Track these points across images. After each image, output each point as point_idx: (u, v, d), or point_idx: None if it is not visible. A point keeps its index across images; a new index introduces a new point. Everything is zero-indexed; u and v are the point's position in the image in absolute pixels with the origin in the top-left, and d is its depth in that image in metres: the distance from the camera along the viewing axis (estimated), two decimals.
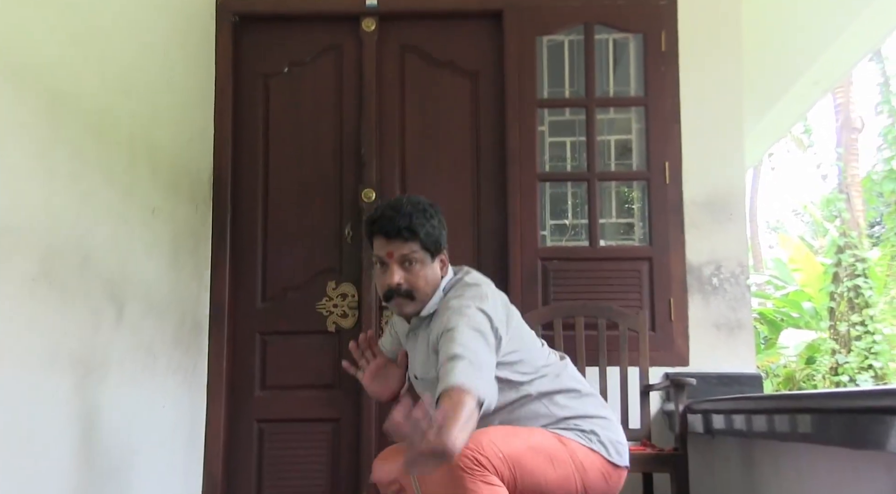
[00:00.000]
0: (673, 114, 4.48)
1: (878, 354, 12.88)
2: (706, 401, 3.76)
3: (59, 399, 2.92)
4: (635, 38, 4.64)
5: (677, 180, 4.47)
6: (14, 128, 2.66)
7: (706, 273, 4.41)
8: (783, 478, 3.31)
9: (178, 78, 4.17)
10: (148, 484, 3.69)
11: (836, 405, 2.47)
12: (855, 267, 13.40)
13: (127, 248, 3.49)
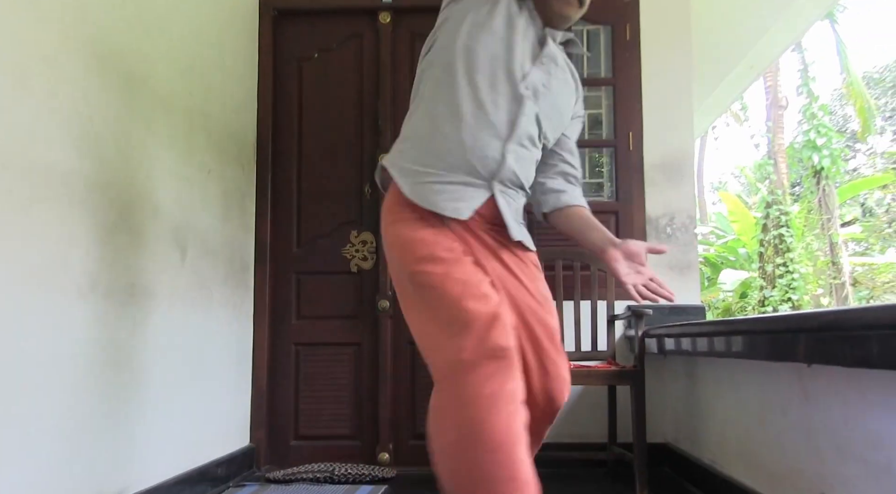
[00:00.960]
0: (635, 93, 4.49)
1: (796, 289, 13.17)
2: (660, 327, 3.76)
3: (137, 323, 2.97)
4: (605, 29, 4.60)
5: (639, 147, 4.48)
6: (99, 105, 2.71)
7: (662, 223, 4.44)
8: (720, 387, 3.38)
9: (229, 61, 4.15)
10: (209, 394, 3.74)
11: (761, 327, 2.55)
12: (779, 219, 13.57)
13: (188, 202, 3.50)
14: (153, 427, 3.12)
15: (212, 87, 3.88)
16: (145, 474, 3.04)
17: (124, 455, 2.87)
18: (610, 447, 4.02)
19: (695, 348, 3.21)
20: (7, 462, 2.17)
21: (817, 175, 14.10)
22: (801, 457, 2.44)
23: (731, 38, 6.71)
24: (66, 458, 2.48)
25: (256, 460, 4.25)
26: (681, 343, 3.40)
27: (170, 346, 3.28)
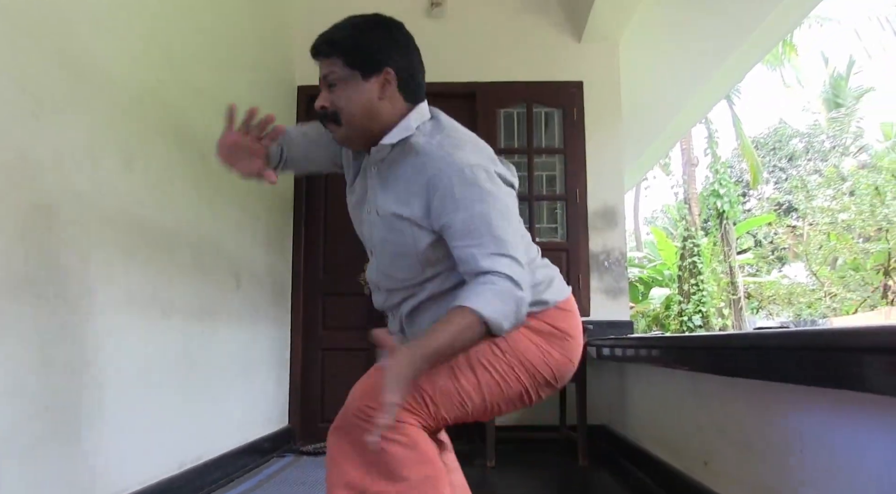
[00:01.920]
0: (581, 159, 4.50)
1: (705, 303, 13.34)
2: (598, 339, 3.78)
3: (205, 337, 3.01)
4: (558, 111, 4.61)
5: (584, 200, 4.48)
6: (178, 173, 2.77)
7: (601, 258, 4.44)
8: (640, 384, 3.42)
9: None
10: (258, 387, 3.76)
11: (666, 344, 2.67)
12: (693, 249, 13.68)
13: (242, 242, 3.54)
14: (219, 412, 3.17)
15: None
16: (214, 445, 3.09)
17: (199, 432, 2.93)
18: (560, 428, 4.06)
19: (623, 355, 3.27)
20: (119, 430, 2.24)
21: (720, 216, 14.20)
22: (692, 436, 2.51)
23: (656, 113, 6.81)
24: (157, 434, 2.53)
25: (293, 437, 4.25)
26: (614, 351, 3.43)
27: (229, 353, 3.32)
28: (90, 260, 2.11)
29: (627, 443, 3.54)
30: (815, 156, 23.94)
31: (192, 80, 2.95)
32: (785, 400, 1.72)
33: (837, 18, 13.25)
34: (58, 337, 1.93)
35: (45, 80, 1.90)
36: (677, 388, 2.74)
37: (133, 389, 2.37)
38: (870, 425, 1.35)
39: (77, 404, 2.02)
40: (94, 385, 2.11)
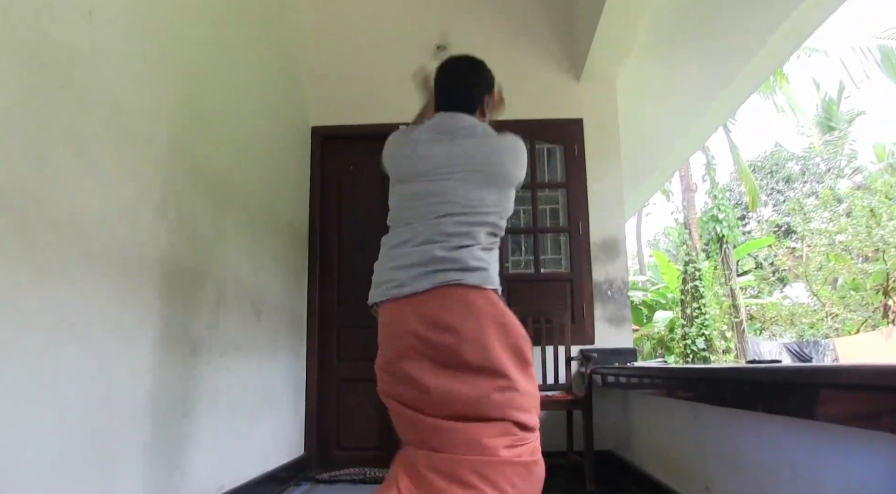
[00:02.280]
0: (583, 193, 4.62)
1: (707, 326, 13.31)
2: (603, 367, 3.91)
3: (230, 370, 3.13)
4: (560, 147, 4.74)
5: (586, 232, 4.58)
6: (203, 214, 2.90)
7: (604, 288, 4.54)
8: (644, 411, 3.49)
9: (290, 173, 4.32)
10: (276, 417, 3.85)
11: (668, 374, 2.78)
12: (694, 273, 13.71)
13: (262, 278, 3.65)
14: (242, 442, 3.28)
15: (278, 193, 4.05)
16: (238, 474, 3.20)
17: (219, 462, 3.03)
18: (568, 453, 4.12)
19: (628, 383, 3.40)
20: (152, 461, 2.37)
21: (720, 240, 14.30)
22: (695, 462, 2.61)
23: (653, 147, 6.95)
24: (179, 464, 2.65)
25: (309, 465, 4.33)
26: (618, 379, 3.54)
27: (251, 384, 3.44)
28: (131, 303, 2.25)
29: (633, 468, 3.61)
30: (811, 179, 24.09)
31: (217, 131, 3.10)
32: (777, 429, 1.84)
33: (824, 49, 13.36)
34: (99, 374, 2.06)
35: (89, 138, 2.04)
36: (679, 416, 2.84)
37: (167, 422, 2.49)
38: (849, 452, 1.47)
39: (116, 436, 2.14)
40: (131, 417, 2.23)
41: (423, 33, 4.89)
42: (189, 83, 2.82)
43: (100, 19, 2.13)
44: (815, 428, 1.60)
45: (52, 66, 1.88)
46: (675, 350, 14.13)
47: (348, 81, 4.89)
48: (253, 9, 3.73)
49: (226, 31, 3.29)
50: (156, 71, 2.51)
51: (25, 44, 1.76)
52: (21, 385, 1.71)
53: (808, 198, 21.55)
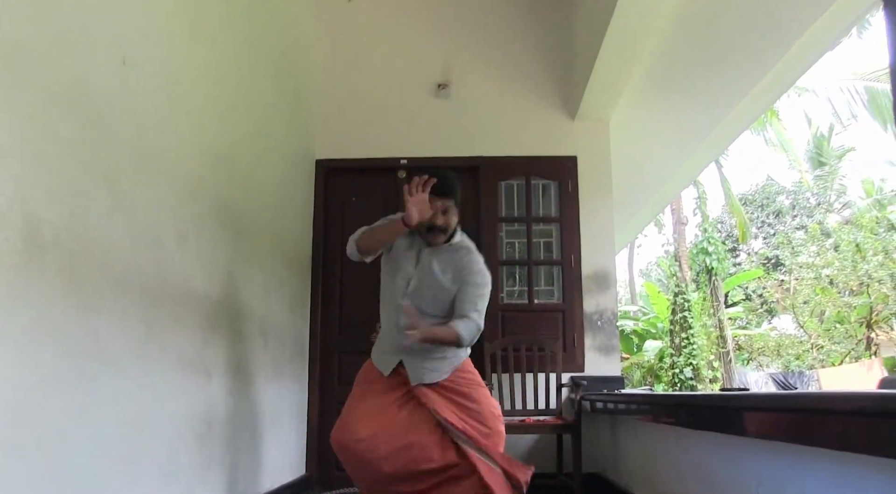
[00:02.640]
0: (575, 228, 4.77)
1: (695, 356, 13.45)
2: (592, 394, 4.05)
3: (238, 394, 3.28)
4: (554, 184, 4.89)
5: (578, 265, 4.73)
6: (221, 247, 3.07)
7: (594, 318, 4.68)
8: (630, 436, 3.58)
9: (297, 203, 4.48)
10: (280, 438, 3.98)
11: (653, 401, 2.95)
12: (683, 304, 13.88)
13: (269, 305, 3.81)
14: (250, 462, 3.42)
15: (285, 224, 4.22)
16: (245, 491, 3.32)
17: (229, 479, 3.16)
18: (558, 475, 4.25)
19: (615, 409, 3.55)
20: (171, 479, 2.51)
21: (709, 272, 14.51)
22: (676, 483, 2.74)
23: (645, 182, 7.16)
24: (194, 480, 2.79)
25: (310, 484, 4.45)
26: (606, 405, 3.69)
27: (258, 406, 3.58)
28: (155, 330, 2.42)
29: (620, 490, 3.73)
30: (801, 212, 24.40)
31: (231, 167, 3.28)
32: (745, 449, 2.01)
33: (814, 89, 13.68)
34: (127, 397, 2.22)
35: (122, 177, 2.22)
36: (662, 440, 2.98)
37: (182, 441, 2.64)
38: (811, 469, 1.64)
39: (133, 454, 2.28)
40: (148, 438, 2.38)
41: (425, 72, 5.10)
42: (208, 123, 3.01)
43: (132, 67, 2.32)
44: (775, 448, 1.76)
45: (93, 113, 2.06)
46: (664, 378, 14.27)
47: (352, 117, 5.07)
48: (266, 50, 3.93)
49: (241, 73, 3.48)
50: (179, 113, 2.70)
51: (71, 93, 1.95)
52: (65, 408, 1.87)
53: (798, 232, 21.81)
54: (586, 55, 4.44)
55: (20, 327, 1.69)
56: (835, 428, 1.29)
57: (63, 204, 1.88)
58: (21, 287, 1.69)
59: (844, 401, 1.24)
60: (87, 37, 2.05)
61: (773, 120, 13.90)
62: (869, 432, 1.17)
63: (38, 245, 1.76)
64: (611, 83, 4.46)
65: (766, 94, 5.58)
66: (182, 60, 2.75)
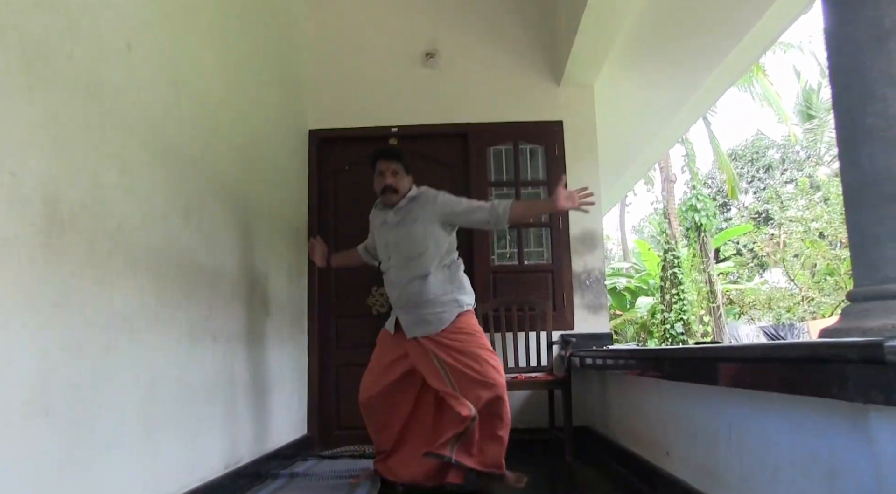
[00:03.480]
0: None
1: (686, 311, 13.66)
2: (581, 350, 4.24)
3: (243, 358, 3.45)
4: (541, 147, 5.03)
5: (566, 227, 4.89)
6: (221, 219, 3.20)
7: (582, 277, 4.86)
8: (617, 390, 3.79)
9: (291, 174, 4.61)
10: (283, 400, 4.16)
11: (638, 356, 3.13)
12: (673, 261, 14.06)
13: (270, 275, 3.96)
14: (255, 422, 3.60)
15: (282, 195, 4.35)
16: (250, 450, 3.52)
17: (239, 439, 3.35)
18: (549, 430, 4.47)
19: (604, 364, 3.73)
20: (180, 438, 2.70)
21: (698, 229, 14.69)
22: (657, 431, 2.95)
23: (632, 142, 7.29)
24: (209, 440, 2.98)
25: (312, 443, 4.65)
26: (595, 361, 3.88)
27: (260, 370, 3.76)
28: (165, 300, 2.57)
29: (608, 441, 3.95)
30: (791, 166, 24.53)
31: (229, 143, 3.40)
32: (718, 398, 2.19)
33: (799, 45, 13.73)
34: (144, 363, 2.39)
35: (131, 158, 2.35)
36: (646, 392, 3.18)
37: (192, 403, 2.82)
38: (770, 413, 1.82)
39: (149, 414, 2.45)
40: (162, 400, 2.55)
41: (413, 42, 5.19)
42: (207, 102, 3.13)
43: (136, 52, 2.44)
44: (740, 395, 1.94)
45: (102, 99, 2.19)
46: (656, 334, 14.54)
47: (343, 87, 5.18)
48: (259, 28, 4.02)
49: (237, 50, 3.59)
50: (180, 93, 2.82)
51: (82, 82, 2.08)
52: (88, 374, 2.03)
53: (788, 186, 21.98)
54: (569, 22, 4.54)
55: (46, 300, 1.84)
56: (781, 375, 1.46)
57: (79, 186, 2.02)
58: (45, 263, 1.84)
59: (787, 350, 1.41)
60: (95, 26, 2.17)
61: (760, 75, 13.97)
62: (808, 376, 1.34)
63: (58, 225, 1.90)
64: (594, 49, 4.56)
65: (746, 54, 5.67)
66: (182, 44, 2.86)
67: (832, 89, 1.45)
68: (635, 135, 7.09)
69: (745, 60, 5.96)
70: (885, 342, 1.05)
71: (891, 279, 1.28)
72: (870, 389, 1.13)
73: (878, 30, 1.28)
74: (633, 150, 7.52)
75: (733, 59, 5.60)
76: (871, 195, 1.32)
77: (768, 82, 14.27)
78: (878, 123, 1.29)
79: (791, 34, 12.45)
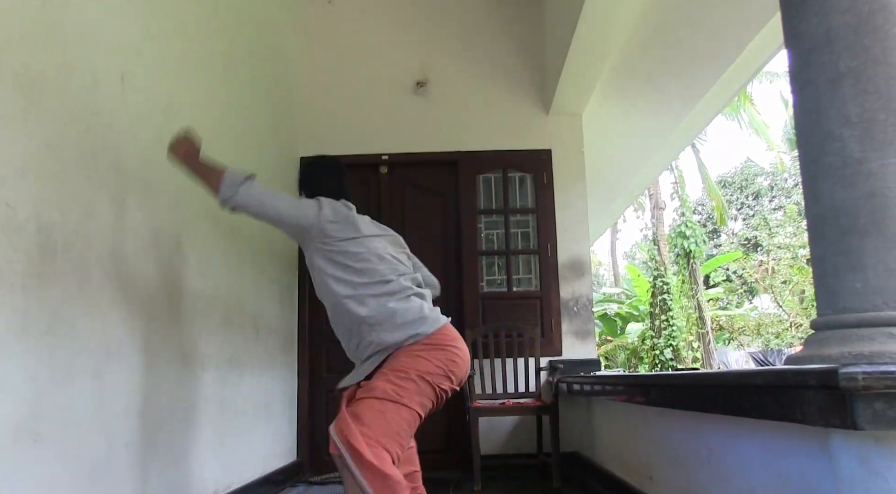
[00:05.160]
0: (551, 218, 4.98)
1: (675, 337, 13.72)
2: (569, 376, 4.26)
3: (233, 383, 3.47)
4: (530, 175, 5.08)
5: (554, 253, 4.94)
6: (213, 245, 3.26)
7: (570, 304, 4.90)
8: (604, 415, 3.83)
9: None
10: (273, 425, 4.18)
11: (623, 382, 3.17)
12: (663, 287, 14.14)
13: (261, 300, 4.00)
14: (244, 448, 3.61)
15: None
16: (241, 476, 3.53)
17: (229, 465, 3.37)
18: (537, 455, 4.46)
19: (591, 390, 3.75)
20: (171, 463, 2.71)
21: (687, 256, 14.79)
22: (642, 456, 2.98)
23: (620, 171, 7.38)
24: (198, 465, 2.99)
25: (301, 469, 4.64)
26: (582, 387, 3.91)
27: (252, 396, 3.77)
28: (155, 326, 2.61)
29: (595, 466, 3.97)
30: (779, 193, 24.73)
31: None
32: (697, 423, 2.23)
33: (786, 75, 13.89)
34: (134, 389, 2.42)
35: (124, 187, 2.41)
36: (631, 417, 3.21)
37: (182, 429, 2.84)
38: (744, 437, 1.86)
39: (138, 440, 2.47)
40: (152, 426, 2.57)
41: (404, 71, 5.27)
42: (198, 129, 3.14)
43: (129, 82, 2.50)
44: (716, 420, 1.99)
45: (94, 127, 2.25)
46: (646, 359, 14.57)
47: (334, 115, 5.24)
48: (251, 57, 4.09)
49: (229, 79, 3.66)
50: (172, 122, 2.87)
51: (77, 113, 2.13)
52: (79, 400, 2.07)
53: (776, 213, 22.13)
54: (558, 52, 4.63)
55: (37, 327, 1.88)
56: (753, 400, 1.51)
57: (72, 215, 2.07)
58: (37, 290, 1.88)
59: (756, 377, 1.46)
60: (89, 58, 2.23)
61: (747, 104, 14.15)
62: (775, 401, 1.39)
63: (51, 252, 1.95)
64: (582, 79, 4.66)
65: (731, 83, 5.80)
66: (174, 73, 2.93)
67: (796, 129, 1.52)
68: (624, 163, 7.18)
69: (731, 89, 6.07)
70: (840, 369, 1.10)
71: (849, 308, 1.34)
72: (828, 413, 1.18)
73: (832, 73, 1.35)
74: (621, 177, 7.61)
75: (719, 88, 5.72)
76: (831, 228, 1.38)
77: (755, 111, 14.46)
78: (835, 162, 1.35)
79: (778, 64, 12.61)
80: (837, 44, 1.34)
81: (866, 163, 1.31)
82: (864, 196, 1.30)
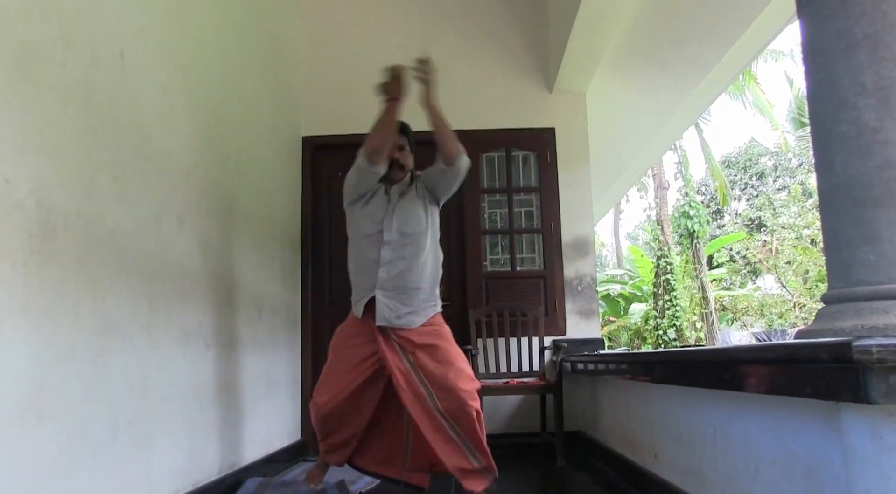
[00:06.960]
0: (554, 197, 4.98)
1: (678, 317, 13.69)
2: (573, 355, 4.27)
3: (235, 362, 3.47)
4: (533, 154, 5.08)
5: (558, 232, 4.94)
6: (215, 228, 3.23)
7: (574, 284, 4.90)
8: (608, 394, 3.82)
9: (286, 182, 4.64)
10: (276, 405, 4.18)
11: (627, 360, 3.16)
12: (666, 267, 14.12)
13: (262, 279, 3.98)
14: (248, 427, 3.62)
15: (275, 201, 4.37)
16: (245, 455, 3.55)
17: (233, 444, 3.38)
18: (541, 434, 4.49)
19: (595, 369, 3.75)
20: (175, 442, 2.71)
21: (691, 236, 14.74)
22: (646, 434, 2.98)
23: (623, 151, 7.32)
24: (203, 444, 3.00)
25: (305, 449, 4.65)
26: (586, 366, 3.91)
27: (255, 375, 3.78)
28: (158, 306, 2.60)
29: (599, 445, 3.98)
30: (783, 173, 24.63)
31: (223, 150, 3.44)
32: (702, 400, 2.22)
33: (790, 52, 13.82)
34: (137, 368, 2.41)
35: (124, 165, 2.38)
36: (635, 396, 3.21)
37: (186, 408, 2.84)
38: (751, 413, 1.85)
39: (142, 419, 2.47)
40: (155, 405, 2.57)
41: (406, 49, 5.20)
42: (200, 109, 3.16)
43: (129, 59, 2.47)
44: (725, 397, 1.97)
45: (96, 106, 2.22)
46: (650, 340, 14.57)
47: (336, 94, 5.20)
48: (252, 35, 4.05)
49: (231, 58, 3.62)
50: (174, 101, 2.85)
51: (76, 89, 2.10)
52: (81, 378, 2.06)
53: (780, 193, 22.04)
54: (561, 30, 4.58)
55: (39, 305, 1.86)
56: (760, 376, 1.49)
57: (73, 192, 2.05)
58: (38, 269, 1.86)
59: (765, 351, 1.44)
60: (88, 34, 2.20)
61: (751, 84, 14.04)
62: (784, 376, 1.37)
63: (51, 230, 1.93)
64: (585, 57, 4.61)
65: (736, 61, 5.74)
66: (175, 52, 2.89)
67: (808, 99, 1.49)
68: (627, 142, 7.13)
69: (735, 67, 6.02)
70: (853, 342, 1.08)
71: (863, 281, 1.31)
72: (840, 388, 1.16)
73: (848, 40, 1.32)
74: (625, 157, 7.57)
75: (723, 66, 5.66)
76: (843, 200, 1.35)
77: (760, 91, 14.35)
78: (850, 131, 1.32)
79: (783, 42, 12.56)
80: (854, 9, 1.31)
81: (882, 132, 1.28)
82: (880, 166, 1.28)
